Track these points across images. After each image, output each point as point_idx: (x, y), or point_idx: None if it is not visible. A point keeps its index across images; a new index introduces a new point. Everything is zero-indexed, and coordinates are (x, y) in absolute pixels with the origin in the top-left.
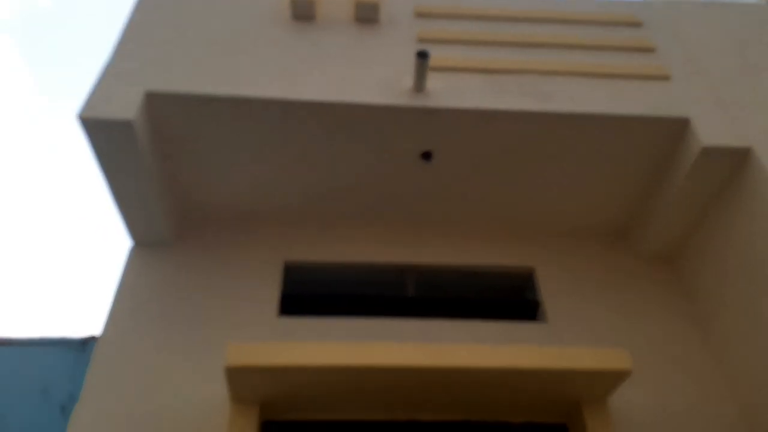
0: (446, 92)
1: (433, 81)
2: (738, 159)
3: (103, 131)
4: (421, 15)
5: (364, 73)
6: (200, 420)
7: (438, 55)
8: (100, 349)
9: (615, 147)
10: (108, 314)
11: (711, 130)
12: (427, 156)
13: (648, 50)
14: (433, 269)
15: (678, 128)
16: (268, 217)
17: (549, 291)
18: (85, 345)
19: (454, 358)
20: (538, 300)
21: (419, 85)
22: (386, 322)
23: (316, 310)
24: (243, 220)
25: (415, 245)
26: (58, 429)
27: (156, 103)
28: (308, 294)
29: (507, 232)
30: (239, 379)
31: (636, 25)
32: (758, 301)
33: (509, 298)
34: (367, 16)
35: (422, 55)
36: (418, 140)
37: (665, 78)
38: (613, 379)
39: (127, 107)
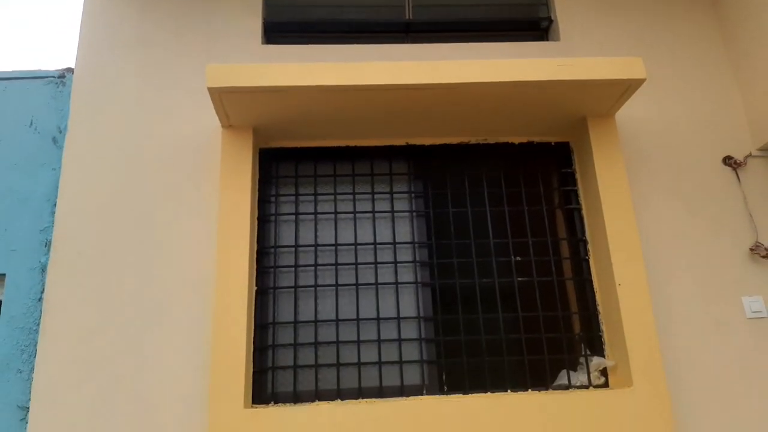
0: None
1: None
2: None
3: None
4: None
5: None
6: (194, 146)
7: None
8: (79, 80)
9: None
10: (78, 45)
11: None
12: None
13: None
14: None
15: None
16: None
17: (564, 7)
18: (63, 78)
19: (452, 74)
20: (552, 17)
21: None
22: (383, 48)
23: (304, 39)
24: None
25: None
26: (52, 159)
27: None
28: (294, 20)
29: None
30: (224, 101)
31: None
32: None
33: (519, 17)
34: None
35: None
36: None
37: None
38: (625, 88)
39: None
